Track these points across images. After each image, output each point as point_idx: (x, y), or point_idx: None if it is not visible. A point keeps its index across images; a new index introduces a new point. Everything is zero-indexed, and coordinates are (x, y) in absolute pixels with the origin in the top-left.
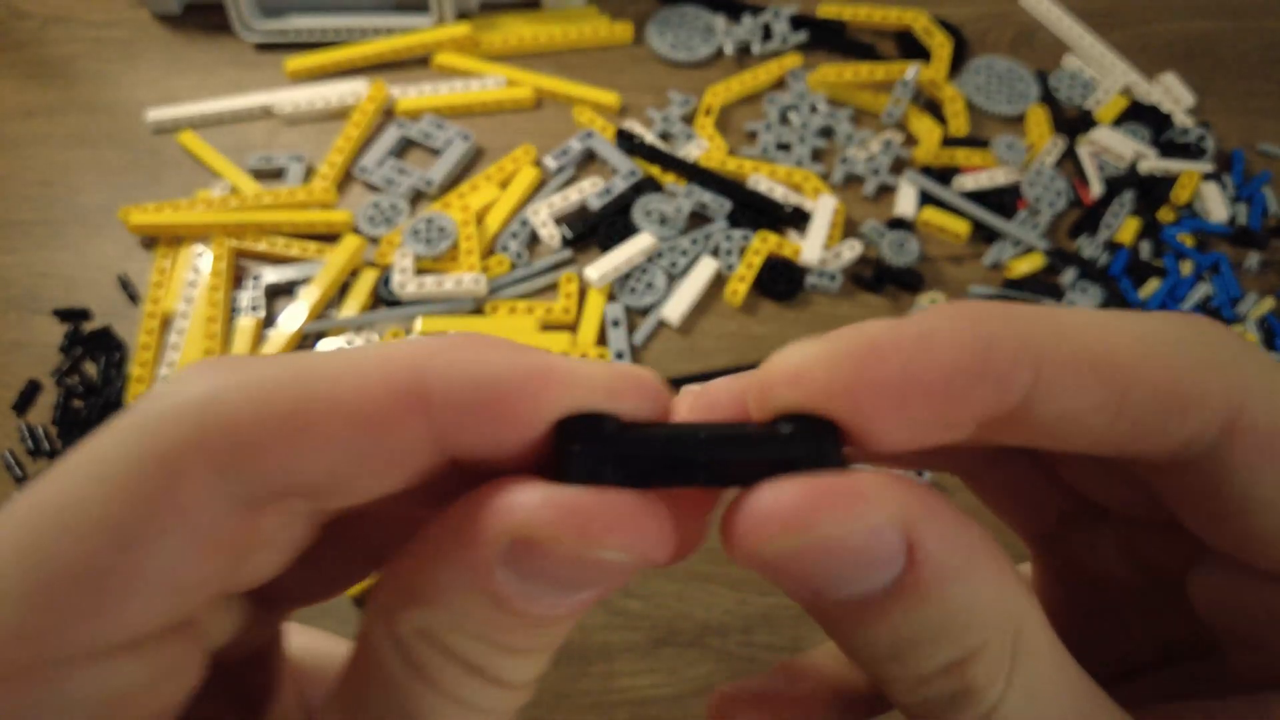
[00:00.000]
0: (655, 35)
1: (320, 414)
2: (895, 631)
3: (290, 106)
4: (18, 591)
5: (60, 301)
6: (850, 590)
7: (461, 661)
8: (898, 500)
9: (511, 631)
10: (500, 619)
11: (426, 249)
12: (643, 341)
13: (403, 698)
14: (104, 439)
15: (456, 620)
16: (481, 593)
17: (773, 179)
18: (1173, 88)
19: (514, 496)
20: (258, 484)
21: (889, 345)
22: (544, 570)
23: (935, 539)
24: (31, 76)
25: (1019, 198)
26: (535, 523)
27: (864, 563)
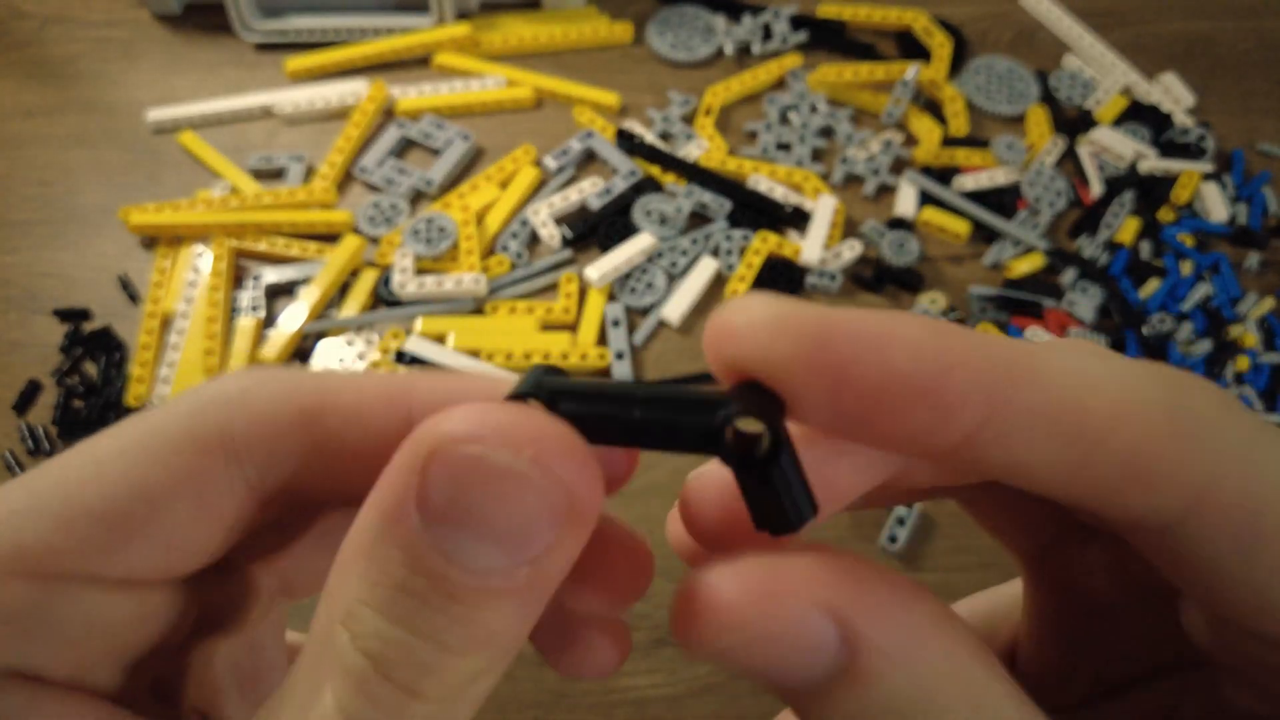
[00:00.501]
0: (655, 35)
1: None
2: (848, 716)
3: (290, 106)
4: (59, 516)
5: (60, 301)
6: (795, 679)
7: (368, 655)
8: (827, 588)
9: (432, 606)
10: (417, 584)
11: (426, 249)
12: (643, 341)
13: (306, 698)
14: (155, 413)
15: (369, 590)
16: (394, 545)
17: (773, 179)
18: (1173, 88)
19: (424, 423)
20: (269, 476)
21: (844, 329)
22: (459, 503)
23: (873, 625)
24: (31, 76)
25: (1019, 198)
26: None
27: (799, 653)
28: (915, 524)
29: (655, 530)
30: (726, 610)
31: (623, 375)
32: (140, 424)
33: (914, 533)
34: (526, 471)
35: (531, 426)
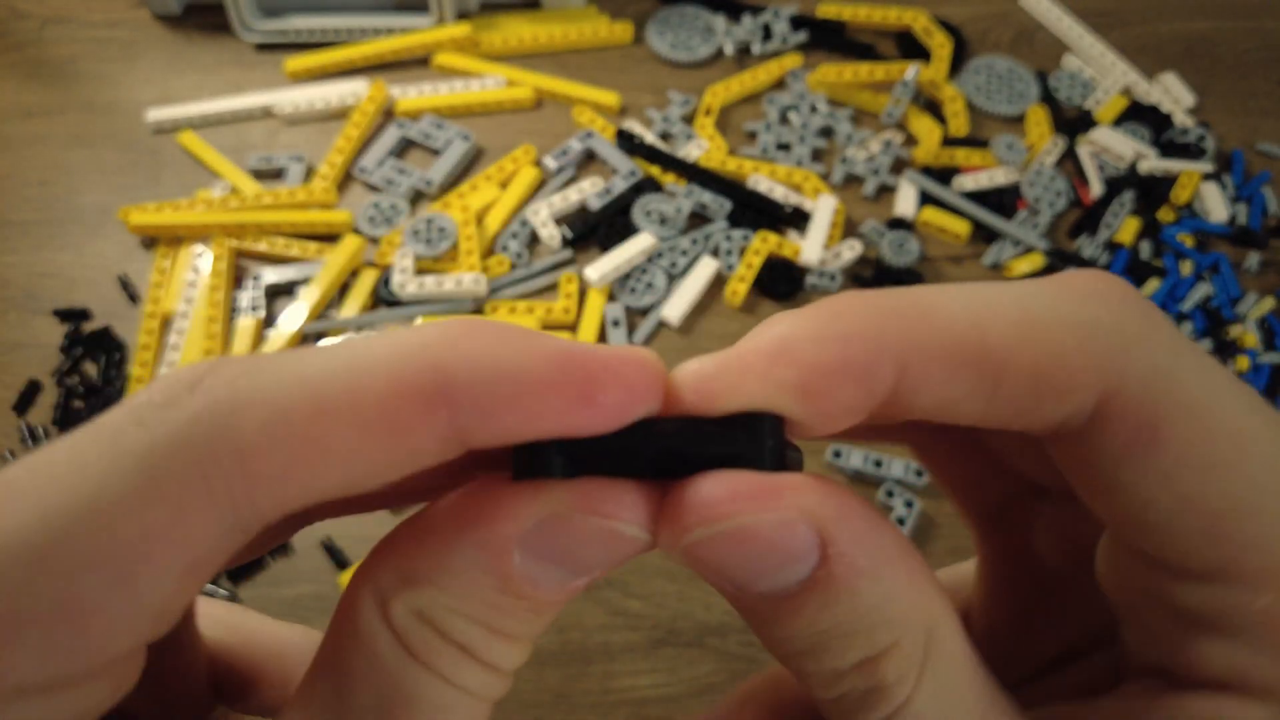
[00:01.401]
0: (655, 35)
1: (337, 429)
2: (811, 626)
3: (290, 106)
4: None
5: (60, 301)
6: (767, 584)
7: (457, 644)
8: (813, 499)
9: (511, 615)
10: (503, 602)
11: (426, 249)
12: (643, 341)
13: (392, 678)
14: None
15: (459, 602)
16: (492, 574)
17: (773, 179)
18: (1173, 88)
19: (538, 492)
20: (264, 506)
21: (750, 352)
22: (559, 549)
23: (848, 537)
24: (31, 76)
25: (1019, 198)
26: (561, 501)
27: (777, 555)
28: (914, 524)
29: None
30: (717, 504)
31: None
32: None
33: (913, 533)
34: (637, 535)
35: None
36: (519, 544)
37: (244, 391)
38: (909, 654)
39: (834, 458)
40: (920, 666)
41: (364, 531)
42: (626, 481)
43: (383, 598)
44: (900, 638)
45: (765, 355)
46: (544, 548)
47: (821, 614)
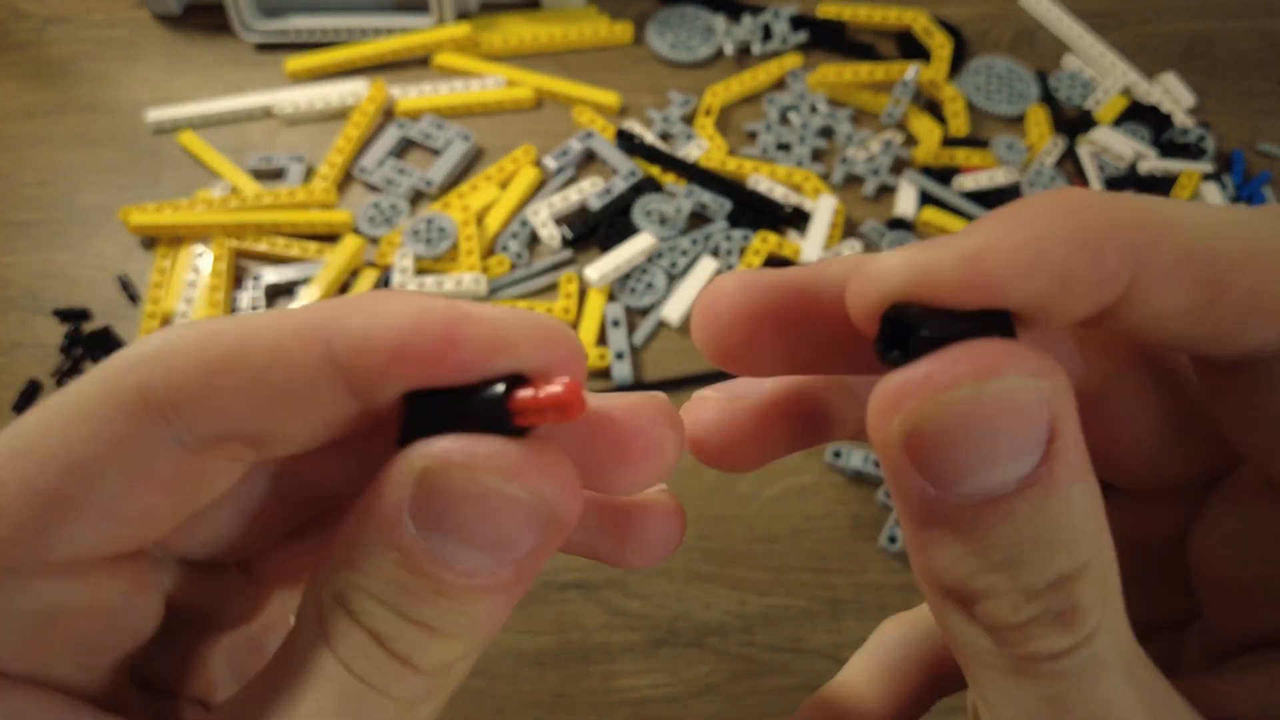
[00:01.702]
0: (655, 35)
1: (244, 364)
2: (1016, 533)
3: (290, 107)
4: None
5: (60, 301)
6: (986, 480)
7: (367, 629)
8: (1050, 381)
9: (424, 601)
10: (410, 583)
11: (426, 249)
12: (643, 342)
13: (304, 661)
14: (75, 384)
15: (366, 581)
16: (390, 547)
17: (773, 179)
18: (1173, 88)
19: (417, 446)
20: (197, 427)
21: (1000, 250)
22: (445, 516)
23: (1071, 433)
24: (31, 76)
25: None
26: (436, 456)
27: (1016, 437)
28: None
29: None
30: (957, 366)
31: (623, 375)
32: (59, 397)
33: None
34: (515, 494)
35: (515, 454)
36: (409, 512)
37: (184, 332)
38: (1099, 577)
39: (834, 458)
40: (1106, 593)
41: None
42: (491, 436)
43: (317, 582)
44: (1091, 558)
45: (1016, 255)
46: (432, 515)
47: (1032, 519)
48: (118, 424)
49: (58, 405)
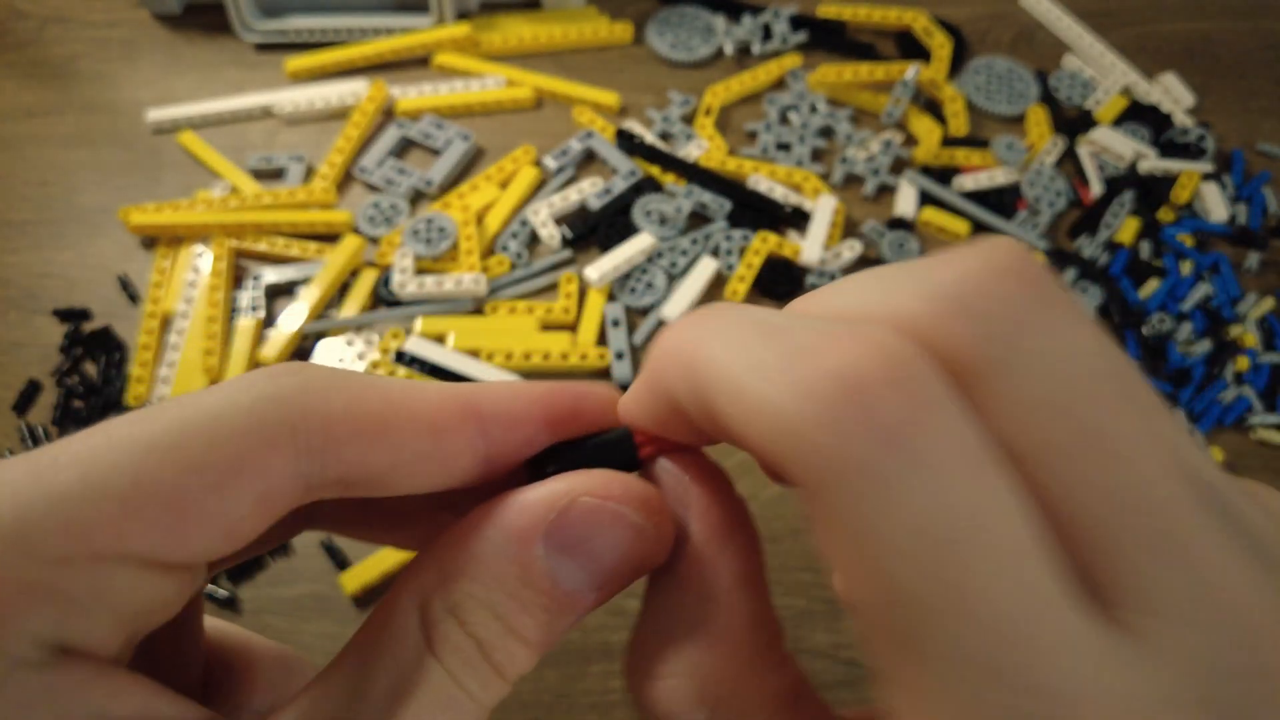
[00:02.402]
0: (655, 35)
1: (398, 427)
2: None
3: (290, 106)
4: (126, 499)
5: (60, 301)
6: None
7: (475, 638)
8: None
9: (528, 612)
10: (524, 595)
11: (426, 249)
12: (643, 342)
13: (407, 669)
14: (217, 399)
15: (485, 591)
16: (517, 563)
17: (773, 179)
18: (1173, 88)
19: (563, 478)
20: (331, 473)
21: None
22: (576, 538)
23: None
24: (31, 76)
25: (1019, 198)
26: (579, 488)
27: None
28: None
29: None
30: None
31: (623, 375)
32: (196, 408)
33: None
34: (644, 525)
35: (646, 492)
36: (544, 533)
37: (332, 380)
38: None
39: None
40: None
41: None
42: (620, 474)
43: (424, 596)
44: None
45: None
46: (563, 537)
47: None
48: (263, 455)
49: (197, 414)
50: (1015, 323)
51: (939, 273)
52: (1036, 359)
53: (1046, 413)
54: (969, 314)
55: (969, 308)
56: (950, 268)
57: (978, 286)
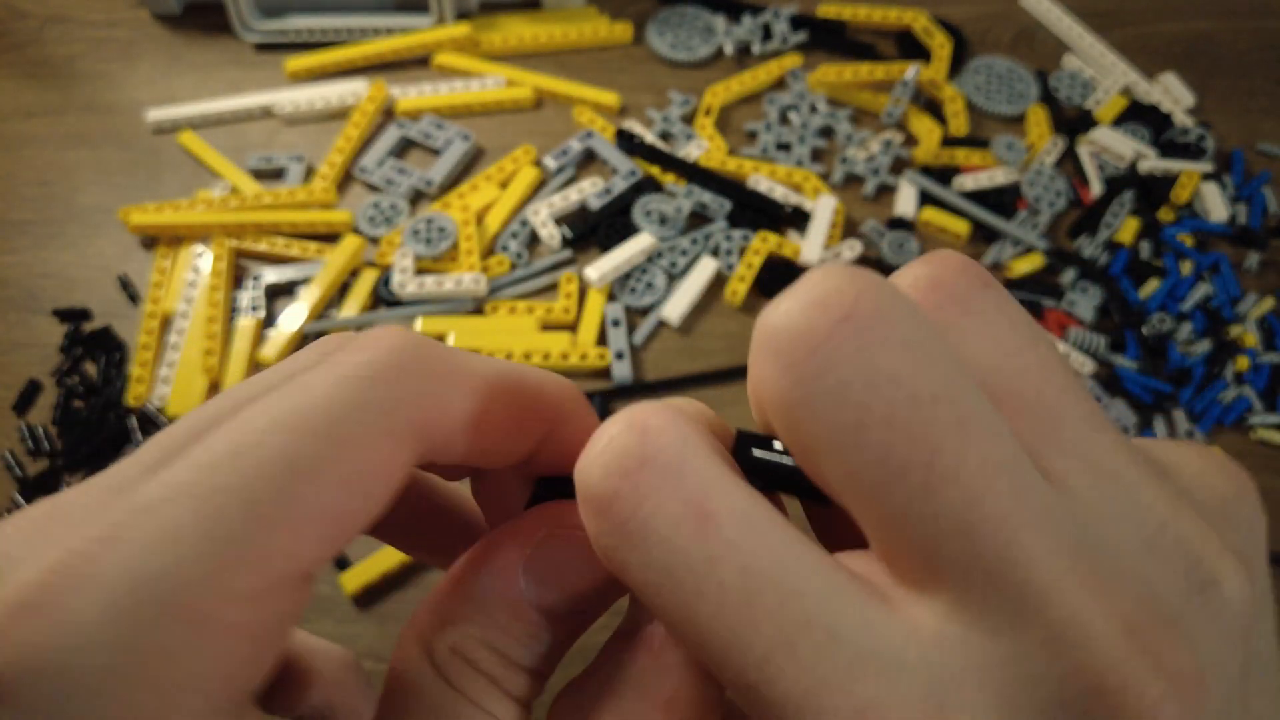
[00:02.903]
0: (655, 35)
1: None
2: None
3: (290, 106)
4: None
5: (60, 301)
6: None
7: (485, 675)
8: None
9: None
10: (514, 628)
11: (426, 249)
12: (643, 341)
13: (437, 708)
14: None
15: (483, 632)
16: (503, 599)
17: (773, 179)
18: (1173, 88)
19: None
20: (444, 459)
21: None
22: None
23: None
24: (31, 76)
25: (1019, 198)
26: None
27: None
28: None
29: None
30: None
31: (622, 375)
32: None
33: None
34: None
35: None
36: (523, 566)
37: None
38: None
39: None
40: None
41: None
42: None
43: (425, 642)
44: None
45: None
46: (539, 568)
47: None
48: (388, 453)
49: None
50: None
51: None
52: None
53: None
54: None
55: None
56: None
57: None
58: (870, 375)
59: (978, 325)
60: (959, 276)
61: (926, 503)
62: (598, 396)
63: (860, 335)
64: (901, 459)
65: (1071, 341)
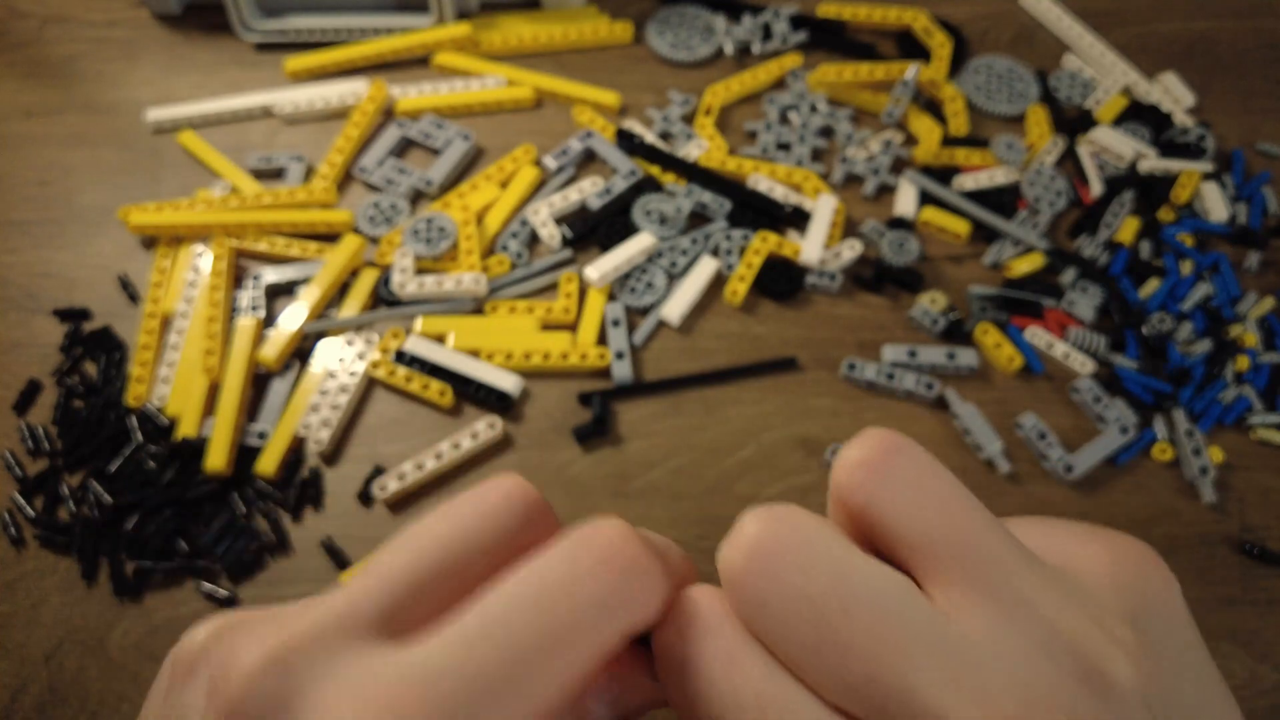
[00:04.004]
0: (655, 35)
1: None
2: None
3: (290, 106)
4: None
5: (60, 301)
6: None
7: None
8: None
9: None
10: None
11: (426, 249)
12: (643, 341)
13: None
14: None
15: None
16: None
17: (773, 179)
18: (1173, 87)
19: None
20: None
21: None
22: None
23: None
24: (31, 76)
25: (1019, 197)
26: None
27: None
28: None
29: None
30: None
31: (622, 375)
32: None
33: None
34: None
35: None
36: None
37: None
38: None
39: (834, 456)
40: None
41: (364, 533)
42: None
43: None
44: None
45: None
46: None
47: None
48: (611, 646)
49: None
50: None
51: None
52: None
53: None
54: (861, 466)
55: (863, 462)
56: (846, 450)
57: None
58: (777, 590)
59: (892, 494)
60: (879, 455)
61: (838, 666)
62: (597, 396)
63: (767, 565)
64: (813, 642)
65: (1071, 341)
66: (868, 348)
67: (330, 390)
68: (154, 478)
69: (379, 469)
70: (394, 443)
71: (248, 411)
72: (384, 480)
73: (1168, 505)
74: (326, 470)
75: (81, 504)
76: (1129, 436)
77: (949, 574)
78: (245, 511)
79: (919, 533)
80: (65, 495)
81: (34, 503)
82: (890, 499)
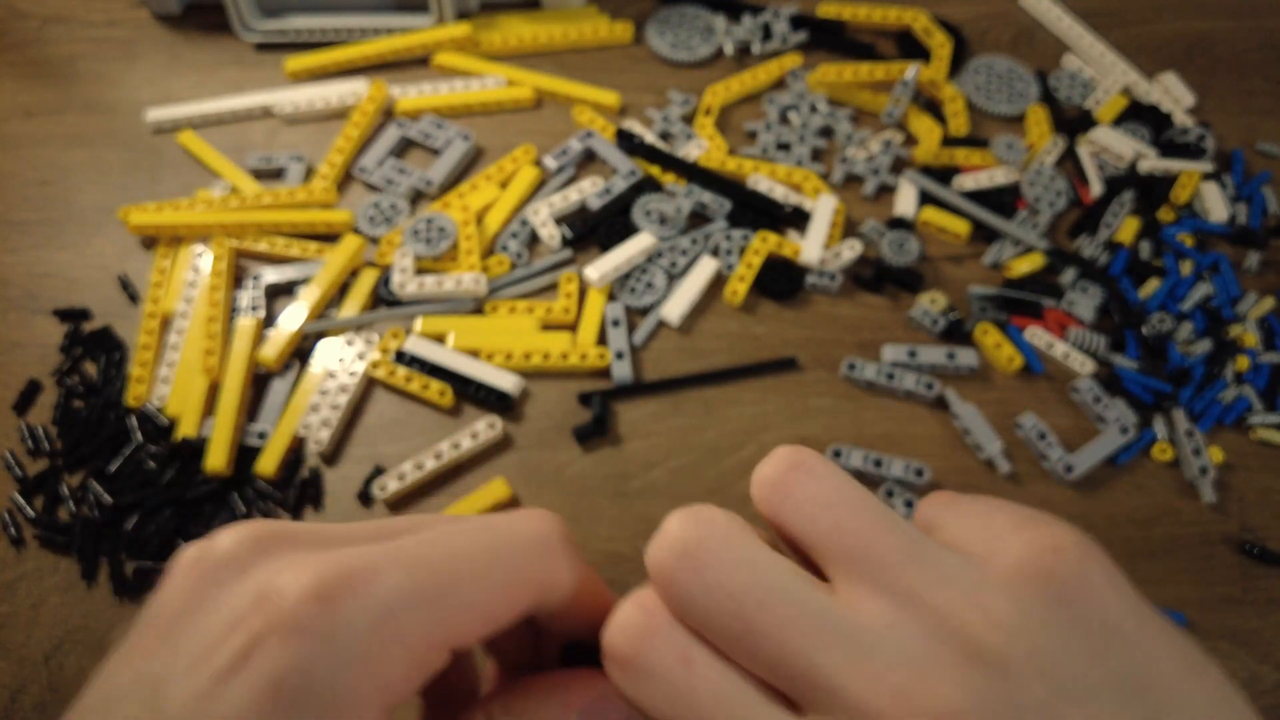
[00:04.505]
0: (655, 35)
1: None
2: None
3: (290, 106)
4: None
5: (60, 301)
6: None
7: None
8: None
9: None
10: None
11: (426, 249)
12: (643, 341)
13: None
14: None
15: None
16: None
17: (773, 179)
18: (1173, 88)
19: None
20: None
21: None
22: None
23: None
24: (31, 76)
25: (1019, 197)
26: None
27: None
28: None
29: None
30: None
31: (622, 375)
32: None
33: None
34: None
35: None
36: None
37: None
38: None
39: (833, 457)
40: None
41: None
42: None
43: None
44: None
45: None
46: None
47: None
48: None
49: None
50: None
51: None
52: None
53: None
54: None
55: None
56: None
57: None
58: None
59: (795, 506)
60: (783, 472)
61: (758, 653)
62: (597, 396)
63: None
64: (737, 632)
65: (1071, 341)
66: (868, 348)
67: (330, 390)
68: (154, 478)
69: (379, 469)
70: (394, 443)
71: (248, 411)
72: (384, 480)
73: (1168, 505)
74: (326, 470)
75: (81, 504)
76: (1129, 436)
77: (847, 572)
78: (245, 511)
79: (819, 538)
80: (65, 495)
81: (34, 503)
82: (794, 510)
